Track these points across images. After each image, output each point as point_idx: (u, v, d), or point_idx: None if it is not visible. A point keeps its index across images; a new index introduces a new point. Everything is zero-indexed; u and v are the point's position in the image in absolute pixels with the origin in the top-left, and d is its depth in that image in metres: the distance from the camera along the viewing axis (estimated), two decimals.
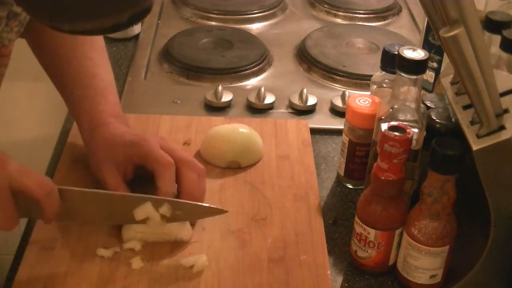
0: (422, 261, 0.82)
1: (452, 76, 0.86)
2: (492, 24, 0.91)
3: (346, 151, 0.99)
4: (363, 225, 0.85)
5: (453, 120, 0.85)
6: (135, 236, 0.87)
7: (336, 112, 1.18)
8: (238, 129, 1.05)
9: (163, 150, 0.90)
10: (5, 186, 0.77)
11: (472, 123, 0.77)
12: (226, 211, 0.89)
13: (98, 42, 1.03)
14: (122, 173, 0.91)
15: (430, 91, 1.12)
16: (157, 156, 0.89)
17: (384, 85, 0.99)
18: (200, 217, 0.90)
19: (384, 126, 0.81)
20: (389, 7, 1.59)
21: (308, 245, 0.89)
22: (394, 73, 0.88)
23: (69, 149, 1.03)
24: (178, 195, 0.89)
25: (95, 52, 1.01)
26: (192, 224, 0.90)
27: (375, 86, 1.01)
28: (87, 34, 0.66)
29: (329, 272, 0.86)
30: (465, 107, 0.80)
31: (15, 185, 0.78)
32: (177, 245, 0.88)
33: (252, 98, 1.17)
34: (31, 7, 0.64)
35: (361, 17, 1.55)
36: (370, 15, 1.56)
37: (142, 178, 0.92)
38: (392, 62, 0.89)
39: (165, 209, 0.86)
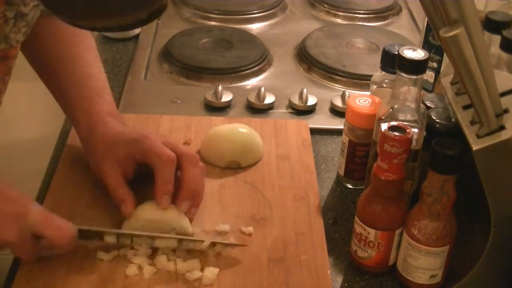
0: (422, 261, 0.82)
1: (452, 76, 0.86)
2: (492, 24, 0.91)
3: (346, 151, 0.99)
4: (363, 225, 0.85)
5: (453, 120, 0.85)
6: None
7: (336, 112, 1.17)
8: (238, 129, 1.05)
9: (165, 146, 0.90)
10: (27, 237, 0.80)
11: (472, 123, 0.77)
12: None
13: (90, 43, 1.03)
14: (123, 171, 0.91)
15: (430, 91, 1.12)
16: (158, 150, 0.89)
17: (384, 85, 0.99)
18: None
19: (384, 126, 0.81)
20: (389, 7, 1.59)
21: (308, 245, 0.89)
22: (394, 73, 0.88)
23: (68, 150, 1.03)
24: (179, 189, 0.89)
25: (87, 53, 1.01)
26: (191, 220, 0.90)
27: (375, 86, 1.00)
28: (105, 31, 0.67)
29: (329, 272, 0.86)
30: (465, 107, 0.80)
31: (37, 233, 0.81)
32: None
33: (252, 98, 1.17)
34: (53, 3, 0.65)
35: (361, 17, 1.55)
36: (370, 15, 1.55)
37: (142, 177, 0.92)
38: (392, 62, 0.89)
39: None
